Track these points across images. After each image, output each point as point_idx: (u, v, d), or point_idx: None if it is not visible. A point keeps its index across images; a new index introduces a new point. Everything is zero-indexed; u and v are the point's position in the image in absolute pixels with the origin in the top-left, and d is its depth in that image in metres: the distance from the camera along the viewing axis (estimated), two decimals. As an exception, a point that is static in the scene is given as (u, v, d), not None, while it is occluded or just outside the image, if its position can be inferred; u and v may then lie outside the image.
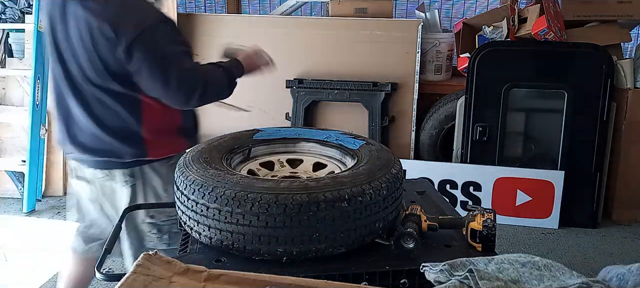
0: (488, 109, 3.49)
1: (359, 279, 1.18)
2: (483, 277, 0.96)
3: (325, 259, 1.20)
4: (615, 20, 3.71)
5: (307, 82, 3.90)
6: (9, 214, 3.63)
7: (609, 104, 3.40)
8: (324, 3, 4.98)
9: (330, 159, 1.58)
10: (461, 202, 3.49)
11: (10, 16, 4.13)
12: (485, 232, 1.26)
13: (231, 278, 0.90)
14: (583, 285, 0.95)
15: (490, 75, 3.46)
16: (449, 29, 4.75)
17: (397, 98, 3.88)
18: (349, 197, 1.18)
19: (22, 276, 2.83)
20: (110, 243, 1.42)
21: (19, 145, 3.94)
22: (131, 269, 0.88)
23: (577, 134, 3.45)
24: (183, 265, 0.93)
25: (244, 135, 1.64)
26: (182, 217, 1.31)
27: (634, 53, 3.70)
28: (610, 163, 3.53)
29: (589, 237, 3.39)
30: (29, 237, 3.31)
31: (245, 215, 1.16)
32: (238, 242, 1.18)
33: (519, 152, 3.68)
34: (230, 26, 4.14)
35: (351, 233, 1.21)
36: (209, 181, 1.23)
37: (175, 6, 3.98)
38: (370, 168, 1.31)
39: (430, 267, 1.05)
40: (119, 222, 1.54)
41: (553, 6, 3.62)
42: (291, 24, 4.24)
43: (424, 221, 1.31)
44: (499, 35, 3.76)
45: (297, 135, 1.67)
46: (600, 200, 3.55)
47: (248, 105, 4.08)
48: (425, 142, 3.87)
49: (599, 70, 3.36)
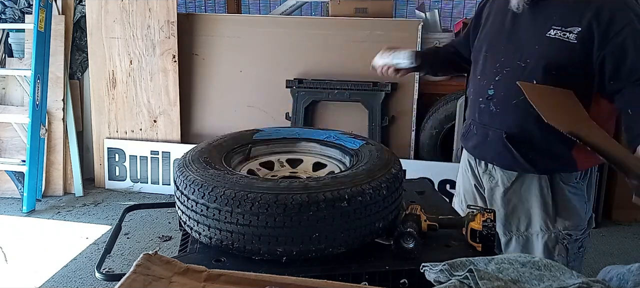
0: (488, 108, 3.48)
1: (359, 279, 1.18)
2: (483, 277, 0.96)
3: (325, 259, 1.20)
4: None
5: (307, 82, 3.90)
6: (9, 214, 3.63)
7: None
8: (324, 3, 4.99)
9: (330, 159, 1.58)
10: (461, 202, 3.48)
11: (10, 16, 4.13)
12: (485, 232, 1.26)
13: (231, 278, 0.90)
14: (583, 285, 0.95)
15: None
16: (449, 28, 4.76)
17: (397, 98, 3.89)
18: (349, 197, 1.18)
19: (22, 276, 2.83)
20: (110, 243, 1.42)
21: (19, 145, 3.94)
22: (131, 269, 0.88)
23: (577, 133, 3.44)
24: (183, 265, 0.93)
25: (244, 135, 1.63)
26: (182, 217, 1.31)
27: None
28: (610, 164, 3.52)
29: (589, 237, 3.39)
30: (29, 237, 3.31)
31: (245, 214, 1.16)
32: (238, 242, 1.18)
33: (519, 152, 3.67)
34: (230, 26, 4.14)
35: (351, 233, 1.21)
36: (209, 181, 1.23)
37: (175, 6, 3.98)
38: (370, 168, 1.31)
39: (430, 267, 1.05)
40: (118, 221, 1.54)
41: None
42: (291, 24, 4.24)
43: (424, 221, 1.31)
44: (499, 35, 3.76)
45: (297, 135, 1.67)
46: (600, 200, 3.54)
47: (248, 105, 4.09)
48: (425, 142, 3.87)
49: (599, 70, 3.36)
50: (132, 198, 3.94)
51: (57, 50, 3.91)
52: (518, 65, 1.64)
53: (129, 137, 4.13)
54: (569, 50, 1.57)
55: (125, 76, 4.08)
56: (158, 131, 4.11)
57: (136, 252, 3.11)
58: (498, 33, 1.73)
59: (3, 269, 2.90)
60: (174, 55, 4.01)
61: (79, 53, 4.17)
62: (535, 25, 1.63)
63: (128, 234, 3.32)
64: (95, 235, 3.31)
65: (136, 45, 4.04)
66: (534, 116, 1.52)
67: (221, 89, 4.16)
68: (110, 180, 4.12)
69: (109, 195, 4.01)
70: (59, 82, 3.92)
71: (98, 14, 4.03)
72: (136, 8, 3.99)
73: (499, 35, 1.73)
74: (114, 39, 4.05)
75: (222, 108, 4.17)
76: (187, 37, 4.12)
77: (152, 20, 3.99)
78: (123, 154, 4.10)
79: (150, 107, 4.09)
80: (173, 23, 3.97)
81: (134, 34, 4.03)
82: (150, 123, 4.11)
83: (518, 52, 1.65)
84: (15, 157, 3.89)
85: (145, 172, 4.07)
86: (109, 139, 4.13)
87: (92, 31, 4.05)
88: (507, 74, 1.67)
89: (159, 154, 4.05)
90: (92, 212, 3.70)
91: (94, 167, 4.21)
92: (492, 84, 1.71)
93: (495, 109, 1.70)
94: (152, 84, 4.07)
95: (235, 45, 4.05)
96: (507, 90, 1.66)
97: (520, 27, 1.67)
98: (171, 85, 4.05)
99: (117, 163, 4.11)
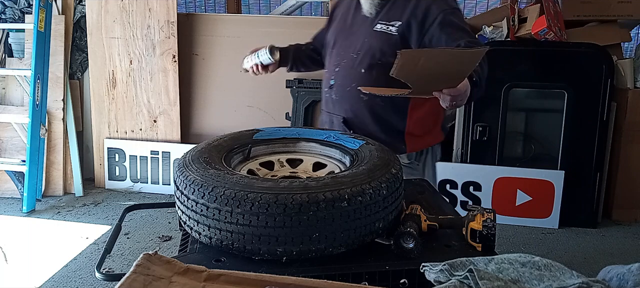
0: (488, 108, 3.49)
1: (359, 279, 1.18)
2: (483, 277, 0.96)
3: (325, 259, 1.20)
4: (615, 20, 3.71)
5: (307, 82, 3.90)
6: (9, 214, 3.63)
7: (609, 104, 3.40)
8: (324, 3, 4.99)
9: (330, 159, 1.58)
10: (461, 202, 3.49)
11: (10, 16, 4.13)
12: (485, 232, 1.26)
13: (231, 278, 0.90)
14: (583, 285, 0.95)
15: (490, 75, 3.45)
16: (449, 28, 4.75)
17: (397, 98, 3.88)
18: (348, 197, 1.18)
19: (22, 276, 2.83)
20: (110, 243, 1.42)
21: (19, 145, 3.94)
22: (131, 269, 0.88)
23: (577, 133, 3.45)
24: (183, 264, 0.93)
25: (244, 135, 1.63)
26: (182, 217, 1.31)
27: (634, 53, 3.70)
28: (610, 164, 3.53)
29: (589, 237, 3.40)
30: (29, 237, 3.31)
31: (245, 214, 1.16)
32: (238, 242, 1.18)
33: (519, 151, 3.68)
34: (230, 26, 4.14)
35: (351, 233, 1.21)
36: (209, 181, 1.23)
37: (175, 6, 3.98)
38: (370, 168, 1.31)
39: (430, 267, 1.05)
40: (118, 221, 1.54)
41: (553, 6, 3.62)
42: (291, 24, 4.24)
43: (424, 221, 1.31)
44: (499, 35, 3.76)
45: (297, 135, 1.67)
46: (600, 200, 3.55)
47: (248, 105, 4.09)
48: (425, 142, 3.87)
49: (599, 70, 3.36)
50: (132, 198, 3.94)
51: (57, 50, 3.91)
52: (351, 56, 1.89)
53: (129, 137, 4.13)
54: (390, 41, 1.81)
55: (125, 76, 4.08)
56: (158, 131, 4.11)
57: (136, 252, 3.11)
58: (341, 30, 1.98)
59: (3, 269, 2.90)
60: (174, 55, 4.01)
61: (79, 53, 4.17)
62: (366, 21, 1.88)
63: (128, 234, 3.32)
64: (95, 235, 3.31)
65: (136, 45, 4.04)
66: (364, 102, 1.84)
67: (221, 89, 4.16)
68: (110, 180, 4.12)
69: (109, 195, 4.01)
70: (59, 82, 3.92)
71: (98, 14, 4.03)
72: (136, 8, 3.99)
73: (342, 32, 1.97)
74: (114, 39, 4.05)
75: (222, 108, 4.17)
76: (187, 37, 4.12)
77: (152, 20, 3.99)
78: (123, 154, 4.10)
79: (150, 107, 4.09)
80: (173, 23, 3.97)
81: (134, 34, 4.02)
82: (150, 123, 4.11)
83: (352, 46, 1.90)
84: (15, 157, 3.89)
85: (145, 172, 4.07)
86: (109, 138, 4.13)
87: (92, 31, 4.05)
88: (344, 65, 1.92)
89: (159, 154, 4.05)
90: (92, 212, 3.70)
91: (94, 167, 4.21)
92: (333, 75, 1.96)
93: (336, 96, 1.95)
94: (152, 84, 4.07)
95: (235, 45, 4.05)
96: (343, 80, 1.91)
97: (357, 25, 1.92)
98: (171, 85, 4.05)
99: (117, 163, 4.11)
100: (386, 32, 1.83)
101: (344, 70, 1.92)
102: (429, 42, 1.78)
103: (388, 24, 1.83)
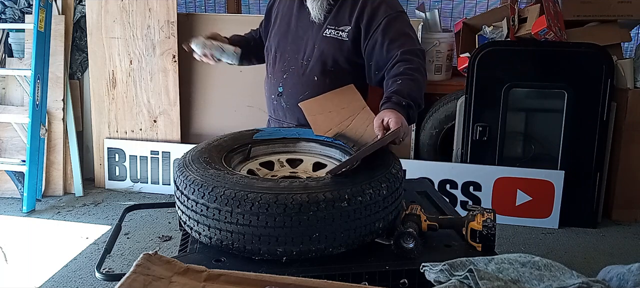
0: (488, 108, 3.49)
1: (359, 279, 1.18)
2: (483, 276, 0.96)
3: (325, 259, 1.20)
4: (615, 20, 3.71)
5: (307, 82, 3.90)
6: (9, 214, 3.63)
7: (609, 104, 3.40)
8: (324, 3, 4.96)
9: (330, 159, 1.58)
10: (461, 202, 3.49)
11: (10, 16, 4.13)
12: (485, 232, 1.26)
13: (231, 278, 0.90)
14: (583, 285, 0.95)
15: (490, 75, 3.46)
16: (449, 28, 4.75)
17: (397, 98, 3.88)
18: (349, 197, 1.18)
19: (22, 276, 2.83)
20: (110, 243, 1.42)
21: (19, 145, 3.94)
22: (131, 269, 0.88)
23: (577, 133, 3.45)
24: (183, 264, 0.93)
25: (244, 135, 1.64)
26: (182, 217, 1.31)
27: (634, 53, 3.70)
28: (610, 164, 3.52)
29: (589, 237, 3.39)
30: (29, 237, 3.31)
31: (245, 214, 1.16)
32: (238, 242, 1.18)
33: (519, 151, 3.68)
34: (230, 26, 4.12)
35: (351, 233, 1.21)
36: (209, 181, 1.23)
37: (175, 6, 3.98)
38: (370, 169, 1.31)
39: (430, 267, 1.05)
40: (118, 221, 1.54)
41: (553, 6, 3.62)
42: (291, 23, 4.24)
43: (424, 221, 1.31)
44: (499, 35, 3.76)
45: (297, 135, 1.67)
46: (600, 200, 3.54)
47: (248, 105, 4.09)
48: (425, 142, 3.87)
49: (599, 70, 3.36)
50: (132, 198, 3.94)
51: (57, 50, 3.91)
52: (301, 63, 1.83)
53: (129, 137, 4.13)
54: (343, 47, 1.77)
55: (125, 76, 4.08)
56: (158, 131, 4.11)
57: (136, 252, 3.10)
58: (285, 34, 1.90)
59: (3, 269, 2.89)
60: (174, 55, 4.01)
61: (79, 53, 4.17)
62: (314, 26, 1.81)
63: (128, 234, 3.32)
64: (95, 235, 3.31)
65: (136, 45, 4.04)
66: None
67: (221, 89, 4.15)
68: (110, 180, 4.12)
69: (109, 195, 4.01)
70: (59, 82, 3.92)
71: (98, 14, 4.03)
72: (136, 8, 3.99)
73: (286, 36, 1.89)
74: (114, 39, 4.05)
75: (222, 108, 4.17)
76: (187, 37, 4.10)
77: (152, 20, 3.99)
78: (123, 154, 4.10)
79: (150, 107, 4.09)
80: (173, 23, 3.97)
81: (134, 34, 4.02)
82: (150, 123, 4.11)
83: (301, 52, 1.83)
84: (15, 157, 3.89)
85: (145, 172, 4.07)
86: (109, 138, 4.13)
87: (92, 31, 4.05)
88: (293, 72, 1.85)
89: (159, 154, 4.05)
90: (92, 212, 3.70)
91: (94, 167, 4.20)
92: (281, 82, 1.88)
93: (286, 104, 1.88)
94: (152, 84, 4.06)
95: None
96: (294, 88, 1.85)
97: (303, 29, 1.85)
98: (171, 85, 4.05)
99: (117, 163, 4.11)
100: (337, 38, 1.78)
101: (293, 77, 1.85)
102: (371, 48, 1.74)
103: (338, 29, 1.78)
